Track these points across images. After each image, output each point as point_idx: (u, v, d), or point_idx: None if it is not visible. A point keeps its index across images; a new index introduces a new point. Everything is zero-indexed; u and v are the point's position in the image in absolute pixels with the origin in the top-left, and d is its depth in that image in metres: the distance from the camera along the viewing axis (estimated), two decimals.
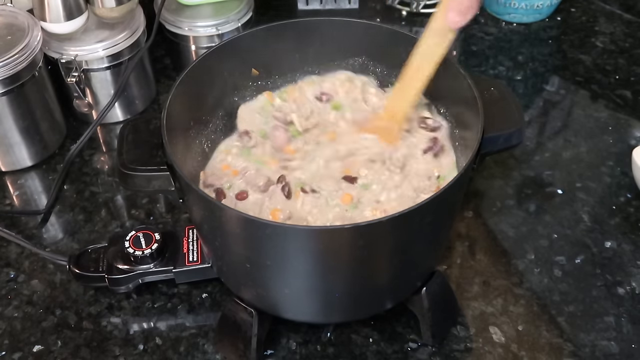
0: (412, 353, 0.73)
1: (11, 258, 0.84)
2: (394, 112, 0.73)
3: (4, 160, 0.94)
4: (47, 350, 0.75)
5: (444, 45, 0.67)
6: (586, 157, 0.93)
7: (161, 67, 1.09)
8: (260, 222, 0.59)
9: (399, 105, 0.72)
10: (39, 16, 0.90)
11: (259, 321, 0.69)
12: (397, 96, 0.72)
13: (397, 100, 0.72)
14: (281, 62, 0.79)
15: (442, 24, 0.66)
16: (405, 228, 0.60)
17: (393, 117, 0.73)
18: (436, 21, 0.66)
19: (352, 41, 0.77)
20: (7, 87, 0.86)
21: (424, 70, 0.69)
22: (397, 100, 0.72)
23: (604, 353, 0.73)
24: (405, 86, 0.71)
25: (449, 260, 0.81)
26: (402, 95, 0.72)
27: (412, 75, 0.70)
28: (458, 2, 0.62)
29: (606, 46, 1.11)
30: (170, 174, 0.64)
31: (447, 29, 0.66)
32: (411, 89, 0.71)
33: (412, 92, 0.71)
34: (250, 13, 1.03)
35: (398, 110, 0.72)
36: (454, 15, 0.63)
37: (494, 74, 1.06)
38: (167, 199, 0.90)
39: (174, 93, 0.68)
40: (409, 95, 0.71)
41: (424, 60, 0.69)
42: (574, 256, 0.82)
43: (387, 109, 0.74)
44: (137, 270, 0.75)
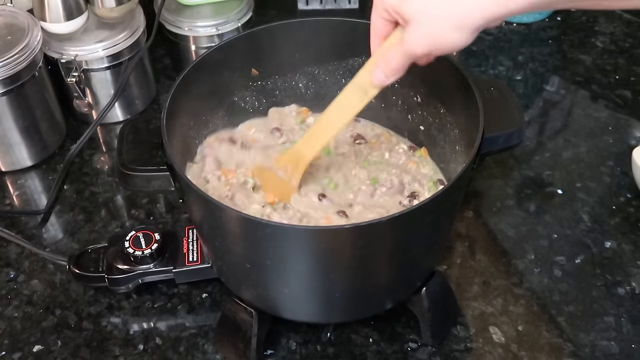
0: (412, 353, 0.73)
1: (11, 258, 0.84)
2: (299, 156, 0.71)
3: (4, 160, 0.94)
4: (47, 350, 0.75)
5: (364, 101, 0.66)
6: (586, 157, 0.93)
7: (161, 67, 1.09)
8: (260, 222, 0.59)
9: (305, 153, 0.70)
10: (39, 16, 0.90)
11: (258, 321, 0.69)
12: (306, 143, 0.71)
13: (305, 147, 0.70)
14: (281, 62, 0.79)
15: (367, 80, 0.64)
16: (405, 228, 0.60)
17: (295, 164, 0.71)
18: (361, 76, 0.65)
19: (352, 41, 0.77)
20: (7, 87, 0.86)
21: (339, 123, 0.68)
22: (304, 147, 0.70)
23: (604, 353, 0.73)
24: (316, 135, 0.70)
25: (449, 260, 0.81)
26: (311, 143, 0.70)
27: (326, 125, 0.69)
28: (387, 61, 0.61)
29: (606, 46, 1.11)
30: (170, 174, 0.64)
31: (370, 85, 0.64)
32: (322, 139, 0.70)
33: (322, 141, 0.70)
34: (250, 13, 1.03)
35: (304, 155, 0.70)
36: (380, 74, 0.62)
37: (494, 74, 1.06)
38: (167, 199, 0.90)
39: (173, 93, 0.68)
40: (318, 144, 0.70)
41: (341, 113, 0.67)
42: (574, 256, 0.82)
43: (294, 152, 0.71)
44: (137, 270, 0.75)
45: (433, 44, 0.57)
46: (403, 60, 0.60)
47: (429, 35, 0.56)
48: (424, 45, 0.57)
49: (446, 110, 0.74)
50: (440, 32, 0.56)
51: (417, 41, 0.57)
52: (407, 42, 0.58)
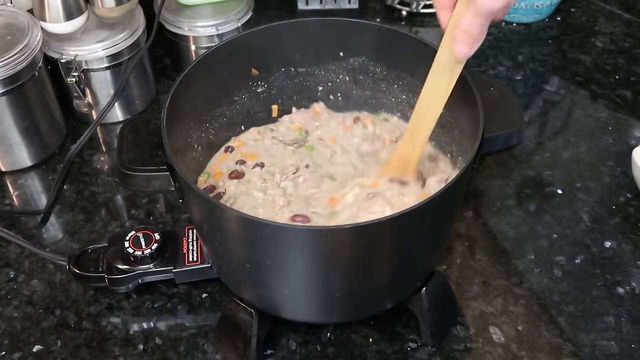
0: (412, 353, 0.73)
1: (11, 258, 0.84)
2: (406, 161, 0.68)
3: (4, 160, 0.94)
4: (47, 350, 0.75)
5: (452, 80, 0.63)
6: (586, 157, 0.93)
7: (161, 67, 1.09)
8: (260, 222, 0.59)
9: (411, 154, 0.68)
10: (39, 16, 0.90)
11: (258, 321, 0.69)
12: (408, 143, 0.68)
13: (408, 148, 0.68)
14: (281, 63, 0.79)
15: (448, 57, 0.61)
16: (405, 228, 0.60)
17: (405, 167, 0.69)
18: (443, 54, 0.62)
19: (352, 41, 0.77)
20: (7, 87, 0.86)
21: (433, 111, 0.65)
22: (409, 146, 0.68)
23: (603, 353, 0.73)
24: (415, 132, 0.67)
25: (449, 260, 0.81)
26: (412, 142, 0.67)
27: (422, 118, 0.66)
28: (466, 32, 0.57)
29: (606, 46, 1.11)
30: (170, 174, 0.64)
31: (454, 61, 0.61)
32: (423, 133, 0.67)
33: (423, 136, 0.67)
34: (250, 13, 1.03)
35: (410, 158, 0.68)
36: (462, 47, 0.58)
37: (494, 74, 1.06)
38: (167, 199, 0.90)
39: (173, 93, 0.68)
40: (420, 139, 0.67)
41: (433, 100, 0.65)
42: (573, 256, 0.82)
43: (398, 159, 0.69)
44: (137, 270, 0.75)
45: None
46: (482, 24, 0.56)
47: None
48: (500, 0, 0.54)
49: (446, 110, 0.74)
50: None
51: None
52: (481, 3, 0.54)
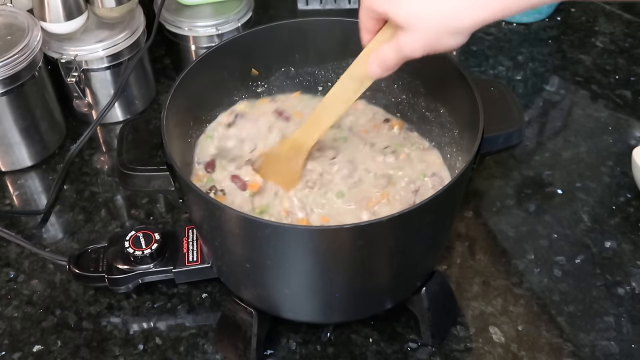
0: (412, 353, 0.73)
1: (11, 258, 0.84)
2: (299, 145, 0.72)
3: (4, 160, 0.94)
4: (47, 350, 0.75)
5: (359, 90, 0.66)
6: (586, 157, 0.93)
7: (161, 67, 1.09)
8: (260, 222, 0.59)
9: (305, 140, 0.71)
10: (39, 16, 0.90)
11: (258, 321, 0.69)
12: (306, 131, 0.72)
13: (304, 135, 0.71)
14: (281, 62, 0.79)
15: (362, 72, 0.64)
16: (405, 228, 0.60)
17: (297, 151, 0.72)
18: (357, 67, 0.65)
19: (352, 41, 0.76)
20: (7, 87, 0.86)
21: (336, 112, 0.69)
22: (304, 135, 0.72)
23: (603, 353, 0.73)
24: (315, 122, 0.71)
25: (449, 260, 0.81)
26: (310, 131, 0.71)
27: (324, 114, 0.70)
28: (382, 59, 0.60)
29: (606, 46, 1.11)
30: (170, 174, 0.64)
31: (366, 77, 0.64)
32: (320, 127, 0.70)
33: (320, 130, 0.71)
34: (250, 13, 1.03)
35: (303, 143, 0.71)
36: (376, 69, 0.61)
37: (494, 74, 1.06)
38: (167, 199, 0.90)
39: (173, 93, 0.68)
40: (316, 132, 0.71)
41: (338, 103, 0.68)
42: (573, 256, 0.82)
43: (294, 140, 0.72)
44: (137, 270, 0.75)
45: (429, 47, 0.57)
46: (398, 60, 0.60)
47: (424, 41, 0.56)
48: (419, 50, 0.57)
49: (446, 110, 0.74)
50: (434, 38, 0.56)
51: (413, 46, 0.57)
52: (402, 46, 0.58)
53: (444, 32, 0.55)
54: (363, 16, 0.62)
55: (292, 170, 0.72)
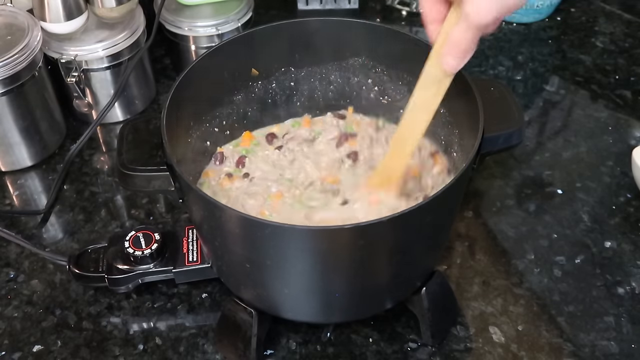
0: (412, 353, 0.73)
1: (11, 258, 0.84)
2: (390, 172, 0.67)
3: (4, 160, 0.94)
4: (47, 350, 0.75)
5: (440, 93, 0.62)
6: (586, 157, 0.93)
7: (161, 67, 1.09)
8: (260, 222, 0.59)
9: (397, 163, 0.67)
10: (39, 16, 0.90)
11: (258, 321, 0.69)
12: (394, 156, 0.67)
13: (393, 160, 0.67)
14: (281, 63, 0.79)
15: (437, 70, 0.60)
16: (405, 228, 0.60)
17: (389, 179, 0.67)
18: (432, 67, 0.60)
19: (352, 41, 0.77)
20: (7, 87, 0.86)
21: (420, 124, 0.64)
22: (394, 158, 0.67)
23: (603, 353, 0.73)
24: (401, 144, 0.66)
25: (449, 260, 0.81)
26: (398, 154, 0.66)
27: (408, 131, 0.65)
28: (455, 45, 0.56)
29: (606, 46, 1.11)
30: (170, 174, 0.64)
31: (443, 74, 0.60)
32: (408, 146, 0.66)
33: (409, 149, 0.66)
34: (250, 13, 1.03)
35: (395, 169, 0.67)
36: (452, 60, 0.57)
37: (494, 74, 1.06)
38: (167, 199, 0.90)
39: (173, 93, 0.68)
40: (405, 153, 0.66)
41: (420, 113, 0.63)
42: (573, 256, 0.82)
43: (383, 169, 0.69)
44: (137, 270, 0.75)
45: (500, 6, 0.52)
46: (472, 37, 0.55)
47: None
48: (491, 11, 0.52)
49: (446, 110, 0.74)
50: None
51: (483, 9, 0.52)
52: (473, 14, 0.53)
53: None
54: (424, 3, 0.58)
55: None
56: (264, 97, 0.80)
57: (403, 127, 0.66)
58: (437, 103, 0.63)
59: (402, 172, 0.68)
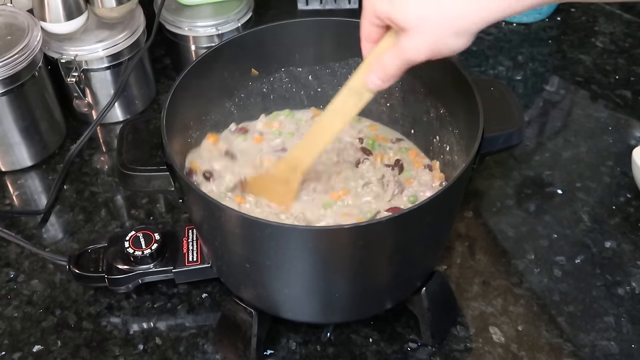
0: (412, 353, 0.73)
1: (11, 258, 0.84)
2: (296, 163, 0.70)
3: (4, 160, 0.94)
4: (47, 350, 0.75)
5: (359, 105, 0.64)
6: (586, 157, 0.93)
7: (161, 67, 1.09)
8: (260, 222, 0.59)
9: (303, 158, 0.69)
10: (39, 16, 0.90)
11: (258, 321, 0.69)
12: (303, 149, 0.70)
13: (302, 153, 0.70)
14: (281, 63, 0.79)
15: (360, 84, 0.63)
16: (405, 228, 0.60)
17: (294, 169, 0.70)
18: (356, 80, 0.63)
19: (352, 41, 0.76)
20: (7, 87, 0.86)
21: (334, 127, 0.67)
22: (301, 153, 0.70)
23: (603, 353, 0.73)
24: (312, 141, 0.69)
25: (449, 260, 0.81)
26: (308, 148, 0.69)
27: (321, 131, 0.68)
28: (384, 68, 0.59)
29: (606, 46, 1.11)
30: (170, 174, 0.64)
31: (365, 89, 0.63)
32: (319, 145, 0.68)
33: (319, 147, 0.69)
34: (250, 13, 1.03)
35: (301, 162, 0.70)
36: (376, 79, 0.61)
37: (494, 74, 1.06)
38: (167, 199, 0.90)
39: (173, 93, 0.68)
40: (315, 150, 0.69)
41: (337, 118, 0.66)
42: (573, 256, 0.82)
43: (289, 160, 0.71)
44: (137, 271, 0.75)
45: (432, 51, 0.56)
46: (400, 67, 0.59)
47: (427, 43, 0.55)
48: (423, 53, 0.56)
49: (446, 110, 0.74)
50: (439, 40, 0.55)
51: (416, 50, 0.56)
52: (405, 50, 0.57)
53: (448, 34, 0.54)
54: (365, 24, 0.61)
55: (288, 190, 0.71)
56: (263, 97, 0.80)
57: (317, 126, 0.69)
58: (353, 113, 0.66)
59: (307, 168, 0.70)
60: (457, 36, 0.55)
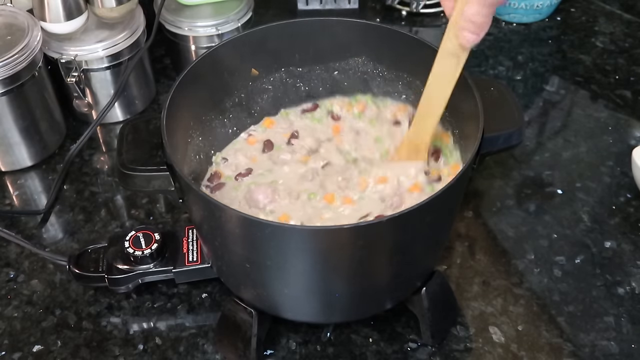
0: (412, 353, 0.73)
1: (11, 258, 0.84)
2: (416, 146, 0.70)
3: (4, 160, 0.94)
4: (46, 350, 0.75)
5: (459, 66, 0.64)
6: (586, 157, 0.93)
7: (161, 67, 1.09)
8: (260, 222, 0.59)
9: (421, 136, 0.69)
10: (39, 16, 0.90)
11: (258, 321, 0.69)
12: (419, 125, 0.69)
13: (420, 130, 0.69)
14: (281, 63, 0.79)
15: (455, 44, 0.62)
16: (405, 228, 0.60)
17: (417, 152, 0.70)
18: (449, 41, 0.63)
19: (352, 41, 0.77)
20: (7, 87, 0.86)
21: (441, 97, 0.66)
22: (419, 130, 0.69)
23: (603, 353, 0.73)
24: (424, 115, 0.68)
25: (449, 260, 0.81)
26: (423, 125, 0.69)
27: (430, 102, 0.67)
28: (471, 20, 0.58)
29: (606, 46, 1.11)
30: (170, 174, 0.64)
31: (461, 48, 0.62)
32: (432, 117, 0.68)
33: (433, 120, 0.68)
34: (250, 13, 1.03)
35: (421, 141, 0.69)
36: (468, 34, 0.59)
37: (494, 74, 1.06)
38: (167, 199, 0.90)
39: (173, 93, 0.68)
40: (430, 124, 0.68)
41: (440, 85, 0.66)
42: (573, 256, 0.82)
43: (409, 141, 0.71)
44: (137, 270, 0.75)
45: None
46: (487, 12, 0.57)
47: None
48: None
49: (446, 110, 0.74)
50: None
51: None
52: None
53: None
54: None
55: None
56: (263, 97, 0.80)
57: (425, 101, 0.68)
58: (456, 76, 0.65)
59: (429, 142, 0.70)
60: None
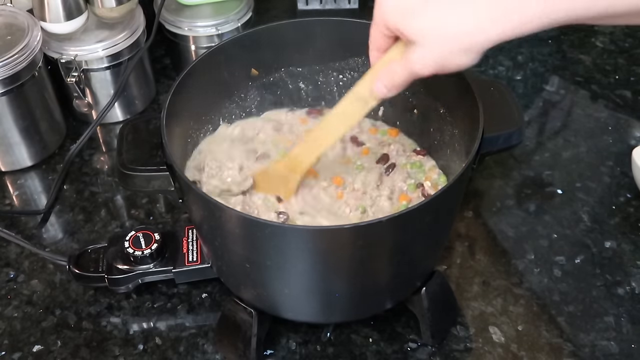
0: (412, 353, 0.73)
1: (11, 258, 0.84)
2: (296, 163, 0.70)
3: (4, 160, 0.94)
4: (46, 350, 0.75)
5: (363, 112, 0.65)
6: (586, 157, 0.93)
7: (161, 67, 1.09)
8: (260, 222, 0.59)
9: (304, 158, 0.70)
10: (39, 16, 0.90)
11: (258, 321, 0.69)
12: (303, 150, 0.70)
13: (303, 153, 0.70)
14: (281, 63, 0.79)
15: (367, 91, 0.63)
16: (405, 228, 0.60)
17: (294, 168, 0.70)
18: (361, 86, 0.64)
19: (352, 41, 0.77)
20: (7, 87, 0.86)
21: (337, 131, 0.67)
22: (303, 153, 0.70)
23: (603, 353, 0.73)
24: (314, 142, 0.69)
25: (449, 260, 0.81)
26: (308, 150, 0.70)
27: (324, 133, 0.68)
28: (391, 76, 0.60)
29: (606, 46, 1.11)
30: (170, 174, 0.64)
31: (371, 96, 0.63)
32: (319, 147, 0.69)
33: (319, 149, 0.69)
34: (250, 13, 1.03)
35: (301, 162, 0.70)
36: (382, 87, 0.61)
37: (494, 74, 1.06)
38: (166, 199, 0.90)
39: (173, 93, 0.68)
40: (315, 151, 0.69)
41: (340, 122, 0.67)
42: (573, 256, 0.82)
43: (290, 159, 0.71)
44: (137, 270, 0.75)
45: (439, 66, 0.56)
46: (406, 78, 0.59)
47: (435, 57, 0.55)
48: (430, 67, 0.56)
49: (446, 110, 0.74)
50: (446, 55, 0.55)
51: (423, 63, 0.56)
52: (412, 62, 0.57)
53: (456, 49, 0.54)
54: (374, 33, 0.61)
55: (287, 188, 0.71)
56: (263, 97, 0.81)
57: (320, 129, 0.69)
58: (357, 119, 0.66)
59: (308, 168, 0.71)
60: (465, 53, 0.55)
